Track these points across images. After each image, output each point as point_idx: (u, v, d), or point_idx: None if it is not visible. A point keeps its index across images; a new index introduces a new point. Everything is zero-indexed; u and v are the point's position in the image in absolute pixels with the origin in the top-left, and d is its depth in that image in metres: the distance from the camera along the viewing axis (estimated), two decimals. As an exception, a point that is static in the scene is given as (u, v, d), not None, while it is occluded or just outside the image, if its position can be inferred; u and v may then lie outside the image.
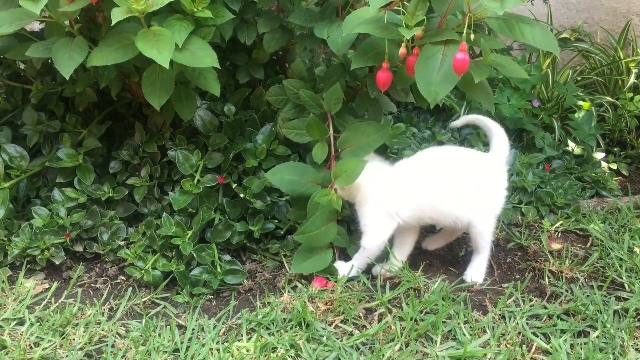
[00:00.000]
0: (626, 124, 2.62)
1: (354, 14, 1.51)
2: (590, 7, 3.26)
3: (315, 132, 1.75)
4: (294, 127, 1.83)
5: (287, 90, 1.83)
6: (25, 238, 1.79)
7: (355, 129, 1.73)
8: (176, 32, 1.52)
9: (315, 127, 1.74)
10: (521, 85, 2.47)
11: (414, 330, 1.53)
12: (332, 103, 1.76)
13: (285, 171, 1.74)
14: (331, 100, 1.76)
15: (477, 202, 1.70)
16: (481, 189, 1.71)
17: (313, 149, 1.76)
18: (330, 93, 1.75)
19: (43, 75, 2.01)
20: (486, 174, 1.73)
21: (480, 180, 1.71)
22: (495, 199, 1.74)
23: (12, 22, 1.53)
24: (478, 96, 1.57)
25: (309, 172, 1.75)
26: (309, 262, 1.72)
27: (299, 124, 1.82)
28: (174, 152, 1.87)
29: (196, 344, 1.50)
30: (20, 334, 1.53)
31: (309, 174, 1.74)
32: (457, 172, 1.70)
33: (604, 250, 1.89)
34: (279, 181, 1.72)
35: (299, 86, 1.81)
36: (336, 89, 1.74)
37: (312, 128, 1.74)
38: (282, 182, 1.73)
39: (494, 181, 1.74)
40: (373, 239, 1.72)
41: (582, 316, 1.59)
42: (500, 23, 1.39)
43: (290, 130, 1.83)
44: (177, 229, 1.77)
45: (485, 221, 1.73)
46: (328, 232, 1.71)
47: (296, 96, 1.81)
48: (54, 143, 1.98)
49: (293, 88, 1.82)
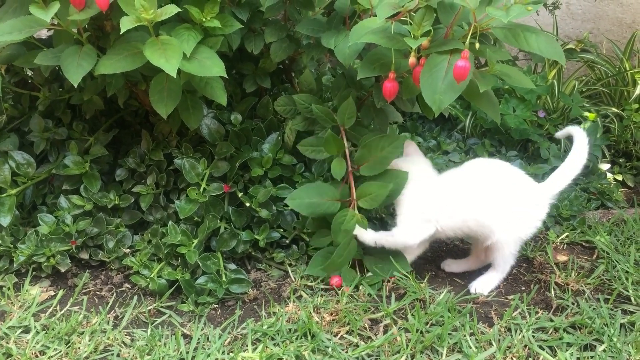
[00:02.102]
0: (632, 135, 2.61)
1: (361, 24, 1.51)
2: (596, 18, 3.26)
3: (333, 147, 1.75)
4: (310, 144, 1.82)
5: (298, 105, 1.84)
6: (31, 245, 1.79)
7: (370, 145, 1.73)
8: (184, 41, 1.53)
9: (333, 143, 1.74)
10: (527, 96, 2.47)
11: (419, 342, 1.52)
12: (345, 117, 1.76)
13: (303, 195, 1.75)
14: (345, 115, 1.76)
15: (513, 223, 1.71)
16: (522, 211, 1.72)
17: (331, 165, 1.76)
18: (343, 108, 1.75)
19: (51, 82, 2.01)
20: (530, 199, 1.73)
21: (523, 203, 1.72)
22: (530, 226, 1.75)
23: (22, 29, 1.53)
24: (483, 106, 1.57)
25: (327, 191, 1.76)
26: (325, 266, 1.76)
27: (314, 141, 1.82)
28: (180, 161, 1.88)
29: (202, 354, 1.49)
30: (26, 342, 1.53)
31: (327, 192, 1.75)
32: (507, 188, 1.71)
33: (610, 262, 1.89)
34: (299, 206, 1.74)
35: (310, 101, 1.82)
36: (349, 104, 1.75)
37: (330, 144, 1.75)
38: (301, 206, 1.74)
39: (535, 208, 1.75)
40: (405, 235, 1.74)
41: (588, 329, 1.59)
42: (505, 32, 1.40)
43: (307, 148, 1.83)
44: (183, 237, 1.77)
45: (511, 242, 1.73)
46: (350, 252, 1.74)
47: (307, 110, 1.82)
48: (61, 150, 1.98)
49: (304, 102, 1.83)
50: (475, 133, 2.53)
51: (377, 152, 1.73)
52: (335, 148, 1.76)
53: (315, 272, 1.78)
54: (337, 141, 1.75)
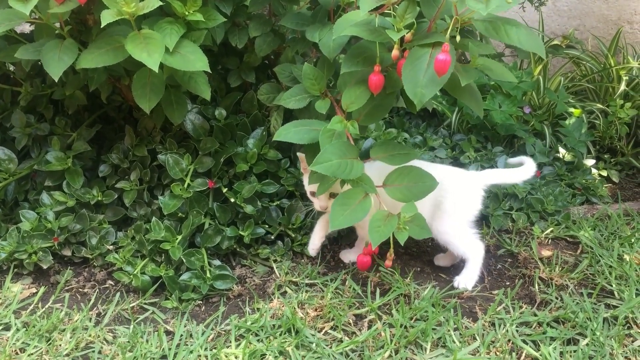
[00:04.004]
0: (616, 131, 2.63)
1: (344, 17, 1.51)
2: (582, 15, 3.28)
3: (314, 84, 1.64)
4: (291, 95, 1.70)
5: (280, 75, 1.78)
6: (13, 242, 1.77)
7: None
8: (167, 35, 1.51)
9: (313, 77, 1.64)
10: (512, 92, 2.48)
11: (403, 337, 1.52)
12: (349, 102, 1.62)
13: (289, 127, 1.60)
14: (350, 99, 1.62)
15: (444, 211, 1.75)
16: (452, 200, 1.75)
17: (316, 104, 1.63)
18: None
19: (32, 77, 1.99)
20: (460, 188, 1.77)
21: (451, 192, 1.75)
22: (464, 212, 1.78)
23: (2, 23, 1.51)
24: (467, 100, 1.57)
25: (314, 122, 1.62)
26: (347, 215, 1.52)
27: (296, 90, 1.70)
28: (164, 156, 1.86)
29: (184, 350, 1.48)
30: (6, 340, 1.51)
31: (314, 122, 1.62)
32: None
33: (593, 257, 1.90)
34: (286, 135, 1.58)
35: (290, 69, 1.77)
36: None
37: (309, 78, 1.64)
38: (288, 134, 1.59)
39: (467, 195, 1.78)
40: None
41: (571, 324, 1.59)
42: (486, 25, 1.39)
43: (289, 100, 1.70)
44: (167, 233, 1.76)
45: (449, 230, 1.76)
46: (353, 167, 1.51)
47: (290, 78, 1.77)
48: (43, 146, 1.96)
49: (285, 71, 1.78)
50: (461, 129, 2.53)
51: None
52: (317, 86, 1.64)
53: (339, 224, 1.51)
54: (318, 74, 1.63)
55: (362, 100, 1.54)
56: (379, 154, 1.63)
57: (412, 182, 1.58)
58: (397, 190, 1.57)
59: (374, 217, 1.52)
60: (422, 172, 1.59)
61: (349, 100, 1.55)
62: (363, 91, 1.54)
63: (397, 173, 1.59)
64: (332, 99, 1.66)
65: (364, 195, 1.54)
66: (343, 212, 1.52)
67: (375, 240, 1.48)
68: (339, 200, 1.53)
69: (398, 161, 1.61)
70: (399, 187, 1.58)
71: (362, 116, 1.61)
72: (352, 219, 1.52)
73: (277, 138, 1.60)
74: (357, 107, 1.55)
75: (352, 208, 1.51)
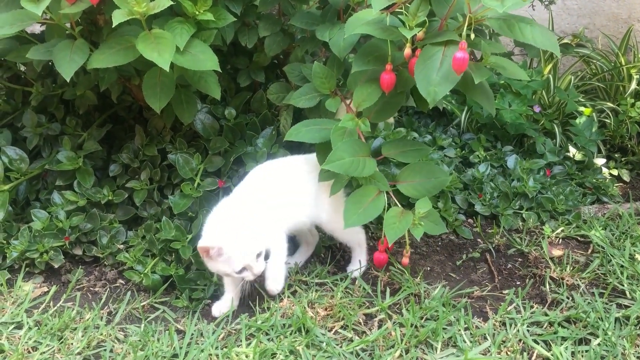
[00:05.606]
0: (627, 130, 2.61)
1: (355, 16, 1.51)
2: (592, 13, 3.26)
3: (324, 84, 1.66)
4: (301, 94, 1.71)
5: (290, 75, 1.78)
6: (24, 241, 1.78)
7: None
8: (177, 35, 1.52)
9: (323, 76, 1.65)
10: (522, 91, 2.47)
11: (414, 336, 1.52)
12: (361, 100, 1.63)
13: (300, 126, 1.63)
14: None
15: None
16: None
17: (326, 103, 1.64)
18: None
19: (43, 77, 2.00)
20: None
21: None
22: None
23: (13, 23, 1.52)
24: (478, 98, 1.56)
25: (325, 120, 1.64)
26: (361, 214, 1.55)
27: (306, 89, 1.71)
28: (174, 156, 1.87)
29: (195, 349, 1.49)
30: (19, 338, 1.52)
31: (325, 121, 1.63)
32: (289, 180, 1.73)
33: (605, 257, 1.88)
34: (297, 135, 1.60)
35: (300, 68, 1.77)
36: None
37: (319, 77, 1.64)
38: (299, 134, 1.61)
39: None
40: None
41: (583, 323, 1.58)
42: (500, 23, 1.39)
43: (299, 99, 1.71)
44: (177, 232, 1.76)
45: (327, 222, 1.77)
46: (365, 165, 1.52)
47: (300, 77, 1.77)
48: (54, 146, 1.97)
49: (294, 71, 1.78)
50: (470, 128, 2.52)
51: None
52: (327, 84, 1.65)
53: (353, 223, 1.56)
54: (328, 73, 1.64)
55: (373, 98, 1.54)
56: (391, 151, 1.63)
57: (425, 178, 1.59)
58: (410, 187, 1.58)
59: (389, 214, 1.53)
60: (435, 167, 1.60)
61: (360, 99, 1.56)
62: (374, 90, 1.54)
63: (409, 170, 1.60)
64: (342, 97, 1.66)
65: (377, 193, 1.55)
66: (357, 211, 1.54)
67: (391, 236, 1.49)
68: (352, 198, 1.55)
69: (411, 158, 1.61)
70: (412, 184, 1.59)
71: (372, 114, 1.61)
72: (365, 217, 1.53)
73: (288, 138, 1.61)
74: (368, 105, 1.55)
75: (365, 206, 1.52)
